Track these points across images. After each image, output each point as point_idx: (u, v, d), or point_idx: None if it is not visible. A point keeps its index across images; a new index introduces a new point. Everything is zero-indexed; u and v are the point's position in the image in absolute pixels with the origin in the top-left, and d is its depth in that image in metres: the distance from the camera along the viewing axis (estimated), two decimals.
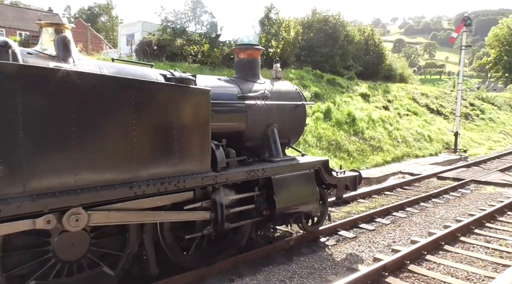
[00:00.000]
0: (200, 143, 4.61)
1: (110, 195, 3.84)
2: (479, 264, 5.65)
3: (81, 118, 3.58)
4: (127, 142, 3.94)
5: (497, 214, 8.08)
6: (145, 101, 4.06)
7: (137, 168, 4.02)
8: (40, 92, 3.35)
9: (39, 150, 3.38)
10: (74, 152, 3.55)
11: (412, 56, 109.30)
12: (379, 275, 5.12)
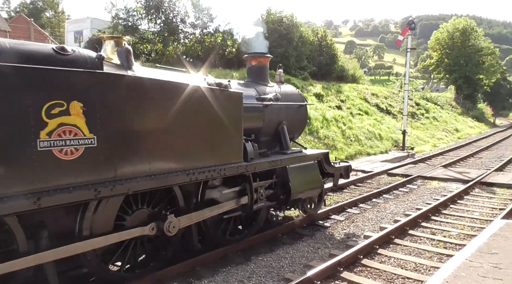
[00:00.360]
0: (236, 138, 5.47)
1: (173, 180, 4.63)
2: (426, 255, 5.99)
3: (155, 116, 4.33)
4: (185, 137, 4.72)
5: (441, 208, 8.61)
6: (198, 103, 4.85)
7: (192, 158, 4.84)
8: (143, 97, 4.21)
9: (127, 143, 4.08)
10: (150, 145, 4.31)
11: (362, 57, 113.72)
12: (335, 270, 5.27)
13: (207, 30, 25.04)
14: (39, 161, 3.44)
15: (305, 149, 7.53)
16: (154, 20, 21.98)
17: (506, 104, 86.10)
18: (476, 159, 17.14)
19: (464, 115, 42.34)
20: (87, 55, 4.13)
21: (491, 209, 8.66)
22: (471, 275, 3.73)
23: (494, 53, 52.55)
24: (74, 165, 3.68)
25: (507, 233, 4.96)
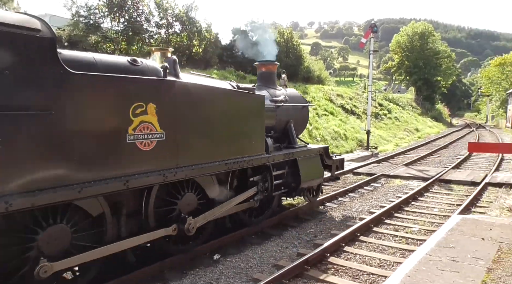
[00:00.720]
0: (260, 133, 6.52)
1: (213, 168, 5.53)
2: (389, 251, 6.19)
3: (201, 115, 5.27)
4: (222, 132, 5.66)
5: (403, 205, 8.93)
6: (231, 103, 5.86)
7: (227, 150, 5.79)
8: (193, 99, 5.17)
9: (184, 137, 5.02)
10: (199, 139, 5.25)
11: (328, 59, 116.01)
12: (302, 269, 5.35)
13: (172, 30, 24.70)
14: (127, 151, 4.37)
15: (308, 144, 8.57)
16: (117, 18, 21.39)
17: (461, 105, 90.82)
18: (435, 157, 17.93)
19: (424, 116, 44.20)
20: (151, 66, 4.98)
21: (449, 205, 9.08)
22: (431, 268, 3.90)
23: (450, 56, 55.21)
24: (150, 154, 4.61)
25: (463, 228, 5.22)
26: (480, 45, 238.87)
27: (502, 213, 8.16)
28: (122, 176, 4.35)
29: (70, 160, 3.90)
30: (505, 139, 27.66)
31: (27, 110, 3.57)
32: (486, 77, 59.38)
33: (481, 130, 37.99)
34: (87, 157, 4.05)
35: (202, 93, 5.38)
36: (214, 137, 5.61)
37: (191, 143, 5.20)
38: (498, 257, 4.15)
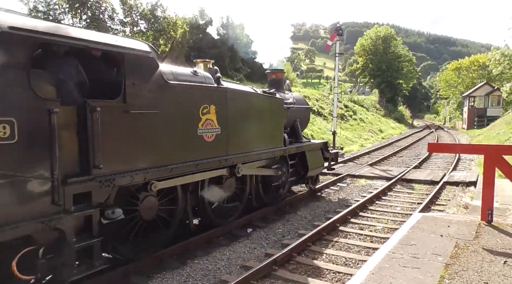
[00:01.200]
0: (280, 129, 8.23)
1: (249, 157, 7.20)
2: (355, 250, 6.35)
3: (241, 115, 6.83)
4: (254, 128, 7.31)
5: (367, 204, 9.19)
6: (259, 105, 7.51)
7: (259, 143, 7.49)
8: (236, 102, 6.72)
9: (231, 132, 6.52)
10: (239, 134, 6.82)
11: (295, 61, 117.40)
12: (270, 269, 5.38)
13: (138, 28, 24.16)
14: (198, 141, 5.88)
15: (310, 140, 10.42)
16: (79, 15, 20.66)
17: (422, 107, 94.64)
18: (398, 157, 18.57)
19: (387, 117, 45.70)
20: (206, 75, 6.41)
21: (410, 204, 9.43)
22: (394, 265, 4.03)
23: (411, 60, 57.49)
24: (211, 144, 6.14)
25: (423, 225, 5.43)
26: (438, 50, 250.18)
27: (459, 210, 8.57)
28: (195, 160, 5.86)
29: (166, 147, 5.35)
30: (461, 140, 29.09)
31: (148, 110, 5.00)
32: (444, 81, 62.34)
33: (440, 132, 39.75)
34: (176, 145, 5.55)
35: (242, 97, 7.05)
36: (250, 132, 7.22)
37: (235, 136, 6.74)
38: (455, 252, 4.35)
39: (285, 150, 8.32)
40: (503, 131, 23.72)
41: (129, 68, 4.75)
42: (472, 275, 3.77)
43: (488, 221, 5.42)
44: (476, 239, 4.79)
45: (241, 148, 6.91)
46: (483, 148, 6.84)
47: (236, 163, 6.72)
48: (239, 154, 6.84)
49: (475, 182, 11.13)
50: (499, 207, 7.33)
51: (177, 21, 25.11)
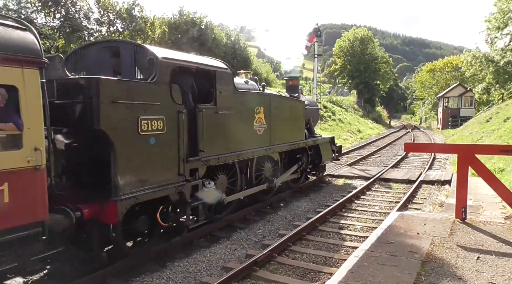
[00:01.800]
0: (302, 126, 10.32)
1: (283, 148, 9.14)
2: (335, 249, 6.42)
3: (278, 114, 8.75)
4: (286, 125, 9.22)
5: (347, 203, 9.31)
6: (289, 106, 9.59)
7: (289, 136, 9.40)
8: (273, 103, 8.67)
9: (273, 127, 8.49)
10: (277, 129, 8.69)
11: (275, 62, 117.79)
12: (251, 270, 5.38)
13: (114, 28, 23.74)
14: (253, 134, 7.79)
15: (321, 135, 12.21)
16: (52, 14, 20.13)
17: (398, 108, 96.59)
18: (376, 157, 18.91)
19: (365, 118, 46.43)
20: (253, 83, 8.56)
21: (388, 203, 9.61)
22: (372, 264, 4.10)
23: (388, 61, 58.66)
24: (261, 137, 8.10)
25: (401, 224, 5.55)
26: (413, 51, 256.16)
27: (435, 208, 8.79)
28: (251, 148, 7.89)
29: (237, 138, 7.31)
30: (436, 139, 29.87)
31: (227, 111, 6.98)
32: (419, 82, 63.94)
33: (416, 132, 40.70)
34: (242, 137, 7.49)
35: (279, 100, 9.21)
36: (284, 128, 9.17)
37: (275, 131, 8.74)
38: (431, 250, 4.46)
39: (306, 142, 10.43)
40: (476, 131, 24.50)
41: (218, 81, 6.73)
42: (448, 271, 3.87)
43: (462, 219, 5.58)
44: (451, 236, 4.92)
45: (279, 140, 8.99)
46: (457, 148, 7.04)
47: (275, 151, 8.94)
48: (278, 144, 8.93)
49: (449, 181, 11.44)
50: (472, 204, 7.57)
51: (155, 21, 24.82)
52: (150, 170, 5.39)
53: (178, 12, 27.63)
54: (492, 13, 34.35)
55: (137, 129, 5.16)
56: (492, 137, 18.81)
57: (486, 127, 23.25)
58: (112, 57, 6.20)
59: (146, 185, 5.33)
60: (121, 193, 4.94)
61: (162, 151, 5.55)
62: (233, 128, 7.16)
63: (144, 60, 5.66)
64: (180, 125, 5.78)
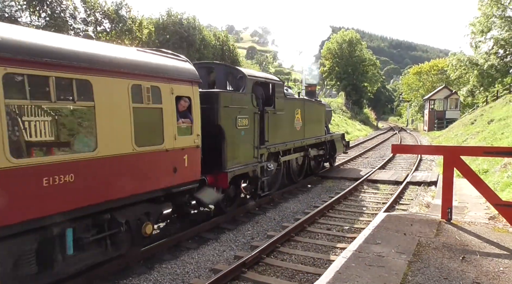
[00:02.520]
0: (323, 124, 13.15)
1: (314, 141, 12.01)
2: (323, 250, 6.45)
3: (306, 114, 11.39)
4: (312, 122, 11.92)
5: (335, 204, 9.36)
6: (313, 108, 12.03)
7: (315, 132, 12.19)
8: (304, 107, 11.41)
9: (304, 124, 11.22)
10: (306, 127, 11.39)
11: (263, 63, 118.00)
12: (240, 271, 5.37)
13: (101, 28, 23.47)
14: (294, 130, 10.57)
15: (334, 132, 15.26)
16: (37, 13, 19.81)
17: (386, 110, 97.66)
18: (364, 158, 19.06)
19: (353, 119, 46.77)
20: (290, 90, 12.52)
21: (376, 203, 9.70)
22: (360, 264, 4.13)
23: (376, 64, 59.26)
24: (298, 132, 10.81)
25: (388, 224, 5.60)
26: (400, 54, 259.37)
27: (421, 209, 8.90)
28: (293, 141, 10.37)
29: (285, 133, 9.91)
30: (423, 141, 30.26)
31: (281, 112, 9.62)
32: (406, 84, 64.76)
33: (403, 133, 41.18)
34: (288, 132, 10.08)
35: (309, 104, 11.78)
36: (312, 125, 11.82)
37: (307, 127, 11.35)
38: (417, 250, 4.51)
39: (326, 137, 13.15)
40: (461, 132, 24.91)
41: (276, 90, 9.47)
42: (433, 271, 3.92)
43: (448, 219, 5.66)
44: (436, 237, 4.99)
45: (309, 134, 11.71)
46: (443, 149, 7.15)
47: (307, 144, 11.58)
48: (308, 138, 11.65)
49: (435, 182, 11.60)
50: (457, 205, 7.68)
51: (142, 21, 24.63)
52: (240, 153, 7.95)
53: (166, 13, 27.46)
54: (476, 17, 35.02)
55: (235, 125, 7.74)
56: (476, 139, 19.15)
57: (471, 129, 23.66)
58: (208, 74, 8.77)
59: (238, 164, 7.89)
60: (228, 168, 7.48)
61: (246, 141, 8.14)
62: (284, 125, 10.00)
63: (235, 76, 8.63)
64: (255, 122, 8.45)
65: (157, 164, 5.65)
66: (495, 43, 34.18)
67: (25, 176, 3.91)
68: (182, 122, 6.16)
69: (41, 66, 4.05)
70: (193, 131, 6.38)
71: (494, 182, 9.60)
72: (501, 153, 6.30)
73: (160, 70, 5.73)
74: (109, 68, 4.82)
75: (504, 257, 4.24)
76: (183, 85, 6.16)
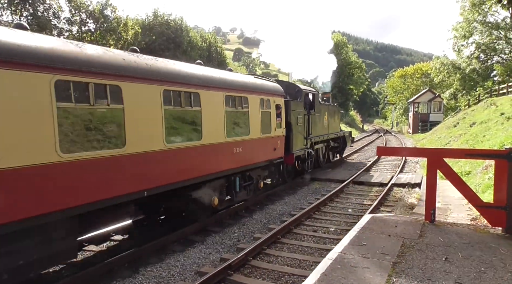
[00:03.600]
0: (338, 123, 18.53)
1: (334, 135, 16.64)
2: (309, 252, 6.47)
3: (329, 115, 15.99)
4: (332, 122, 16.57)
5: (321, 206, 9.42)
6: (330, 109, 16.26)
7: (335, 129, 17.27)
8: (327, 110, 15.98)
9: (330, 124, 16.35)
10: (326, 125, 15.57)
11: (250, 65, 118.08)
12: (226, 274, 5.35)
13: (86, 28, 23.14)
14: (323, 127, 14.98)
15: (344, 131, 19.16)
16: (19, 12, 19.42)
17: (371, 112, 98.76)
18: (350, 160, 19.23)
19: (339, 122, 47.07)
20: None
21: (361, 205, 9.79)
22: (345, 266, 4.15)
23: (361, 66, 59.91)
24: (325, 128, 15.25)
25: (373, 226, 5.65)
26: (385, 57, 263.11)
27: (406, 210, 9.02)
28: (322, 135, 14.69)
29: (319, 129, 14.31)
30: (407, 143, 30.69)
31: (317, 114, 14.12)
32: (391, 87, 65.61)
33: (388, 136, 41.71)
34: (320, 128, 14.43)
35: (331, 107, 16.26)
36: (332, 124, 16.13)
37: (329, 125, 15.63)
38: (402, 251, 4.57)
39: (340, 133, 17.43)
40: (444, 135, 25.36)
41: (315, 98, 13.56)
42: (417, 272, 3.97)
43: (431, 221, 5.75)
44: (420, 238, 5.06)
45: (331, 130, 15.85)
46: (426, 152, 7.25)
47: (330, 137, 15.55)
48: (331, 133, 15.62)
49: (419, 184, 11.78)
50: (440, 206, 7.81)
51: (128, 21, 24.39)
52: (298, 142, 11.79)
53: (153, 14, 27.25)
54: (459, 22, 35.77)
55: (296, 122, 11.62)
56: (459, 141, 19.52)
57: (454, 132, 24.11)
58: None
59: (298, 149, 11.72)
60: (293, 151, 11.38)
61: (301, 133, 12.06)
62: (318, 123, 14.09)
63: (293, 89, 12.60)
64: (305, 121, 12.46)
65: (268, 145, 9.86)
66: (476, 47, 34.98)
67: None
68: (277, 120, 10.24)
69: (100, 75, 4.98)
70: (282, 126, 10.72)
71: (476, 184, 9.80)
72: (482, 155, 6.43)
73: (269, 90, 10.02)
74: (252, 90, 9.04)
75: (485, 258, 4.32)
76: (277, 97, 10.42)
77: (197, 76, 6.96)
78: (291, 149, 11.17)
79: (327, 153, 16.15)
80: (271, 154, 9.93)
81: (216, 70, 8.10)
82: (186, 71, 6.75)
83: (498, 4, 7.84)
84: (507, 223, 5.06)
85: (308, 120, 12.65)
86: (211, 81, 7.31)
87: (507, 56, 34.57)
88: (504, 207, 5.02)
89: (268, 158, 9.76)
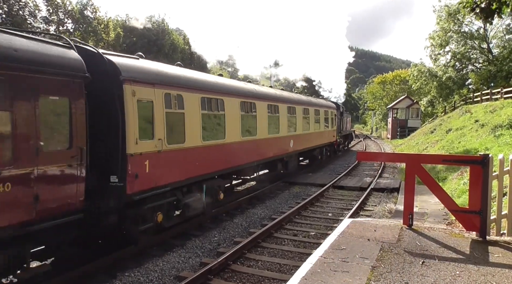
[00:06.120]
0: (349, 124, 32.73)
1: (346, 132, 30.37)
2: (289, 256, 6.49)
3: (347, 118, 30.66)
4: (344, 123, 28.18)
5: (301, 210, 9.46)
6: (346, 116, 29.72)
7: (346, 128, 29.57)
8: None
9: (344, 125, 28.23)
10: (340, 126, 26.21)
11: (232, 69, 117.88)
12: (206, 279, 5.30)
13: (64, 28, 22.68)
14: (344, 126, 27.52)
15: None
16: None
17: (351, 117, 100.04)
18: (330, 164, 19.45)
19: None
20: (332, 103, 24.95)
21: (341, 209, 9.89)
22: (325, 270, 4.18)
23: None
24: (344, 128, 27.85)
25: (352, 230, 5.72)
26: (365, 64, 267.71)
27: (384, 215, 9.16)
28: (346, 130, 28.15)
29: (342, 127, 26.08)
30: (386, 149, 31.27)
31: (342, 117, 26.17)
32: (371, 93, 66.79)
33: (368, 141, 42.41)
34: (343, 126, 26.59)
35: (344, 113, 27.54)
36: (345, 124, 27.90)
37: (345, 125, 28.00)
38: (380, 255, 4.64)
39: (349, 131, 29.80)
40: (421, 141, 25.97)
41: (339, 108, 24.94)
42: (395, 276, 4.04)
43: (409, 225, 5.85)
44: (398, 242, 5.14)
45: (345, 128, 27.30)
46: (405, 157, 7.40)
47: (347, 133, 28.46)
48: (345, 130, 27.22)
49: (398, 188, 11.99)
50: (418, 211, 7.97)
51: (109, 23, 24.04)
52: (337, 134, 22.80)
53: (133, 16, 26.99)
54: (436, 31, 36.78)
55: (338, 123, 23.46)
56: (436, 147, 20.01)
57: (431, 138, 24.72)
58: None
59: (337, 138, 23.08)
60: (337, 139, 23.13)
61: (335, 130, 22.09)
62: (342, 124, 24.22)
63: (334, 104, 23.76)
64: (339, 121, 23.79)
65: (330, 134, 20.63)
66: (452, 56, 36.02)
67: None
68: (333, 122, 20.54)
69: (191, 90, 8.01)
70: (334, 125, 21.48)
71: (452, 189, 10.05)
72: (458, 161, 6.61)
73: (327, 106, 20.59)
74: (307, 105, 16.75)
75: (460, 261, 4.43)
76: (331, 110, 20.84)
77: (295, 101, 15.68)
78: (336, 137, 21.38)
79: (340, 144, 25.18)
80: (332, 138, 20.83)
81: (298, 95, 17.47)
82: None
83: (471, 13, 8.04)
84: (481, 228, 5.20)
85: (340, 121, 23.50)
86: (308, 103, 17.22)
87: (481, 65, 35.76)
88: (478, 211, 5.16)
89: (330, 141, 20.58)
